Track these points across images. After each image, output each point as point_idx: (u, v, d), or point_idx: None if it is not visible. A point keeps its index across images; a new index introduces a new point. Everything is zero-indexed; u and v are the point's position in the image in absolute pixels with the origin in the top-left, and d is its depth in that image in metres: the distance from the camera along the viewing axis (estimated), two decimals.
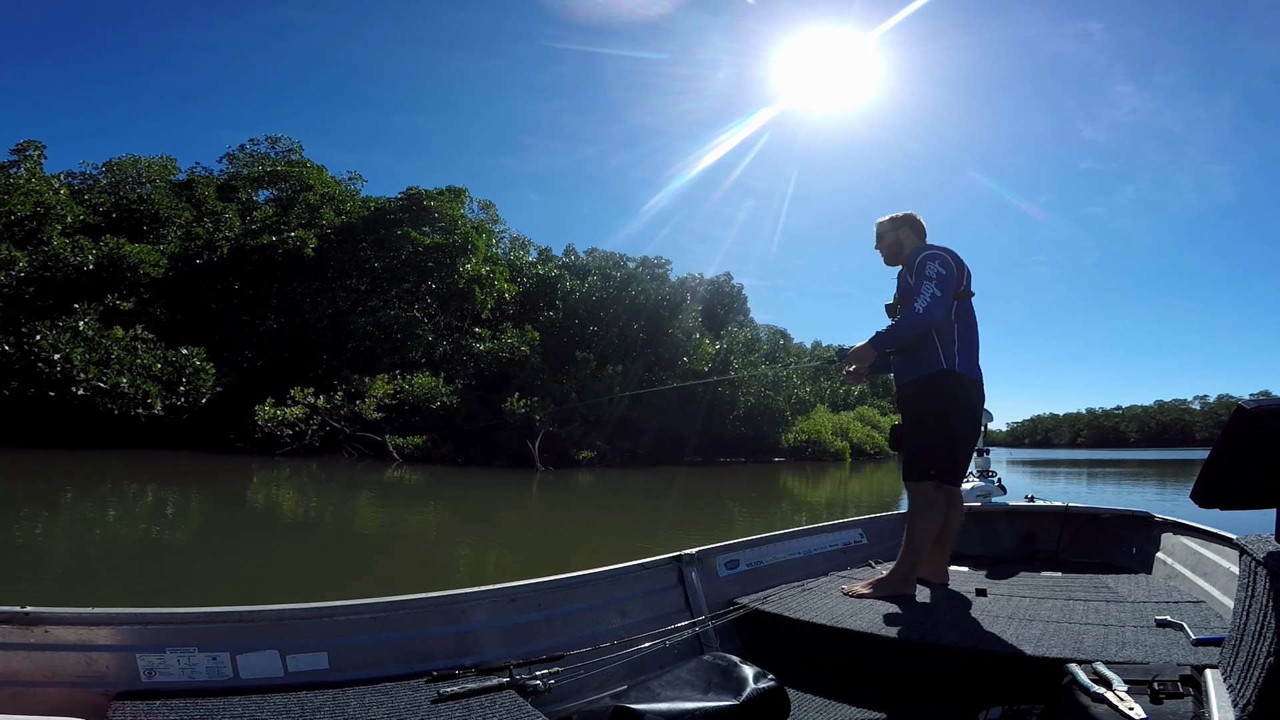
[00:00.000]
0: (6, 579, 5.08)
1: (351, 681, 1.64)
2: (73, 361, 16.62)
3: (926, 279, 2.78)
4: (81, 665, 1.41)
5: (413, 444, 18.45)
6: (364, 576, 6.06)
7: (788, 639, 2.35)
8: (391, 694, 1.59)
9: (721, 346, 26.48)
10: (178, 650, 1.50)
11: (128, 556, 6.47)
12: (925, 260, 2.82)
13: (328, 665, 1.65)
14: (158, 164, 29.91)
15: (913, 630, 2.21)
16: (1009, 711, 1.71)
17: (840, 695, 2.05)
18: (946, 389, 2.81)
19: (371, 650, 1.74)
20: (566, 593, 2.15)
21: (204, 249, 22.50)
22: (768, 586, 2.73)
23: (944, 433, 2.84)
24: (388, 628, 1.78)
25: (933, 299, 2.75)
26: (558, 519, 10.75)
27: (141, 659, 1.46)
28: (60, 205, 22.82)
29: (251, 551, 7.08)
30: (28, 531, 7.31)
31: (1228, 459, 1.34)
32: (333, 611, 1.72)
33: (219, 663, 1.53)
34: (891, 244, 3.08)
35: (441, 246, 22.20)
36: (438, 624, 1.87)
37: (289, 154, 29.46)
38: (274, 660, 1.59)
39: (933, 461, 2.82)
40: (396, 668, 1.74)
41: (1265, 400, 1.28)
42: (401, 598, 1.83)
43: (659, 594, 2.41)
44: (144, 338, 18.46)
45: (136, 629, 1.48)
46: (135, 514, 9.29)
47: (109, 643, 1.45)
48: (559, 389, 20.24)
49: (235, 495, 11.79)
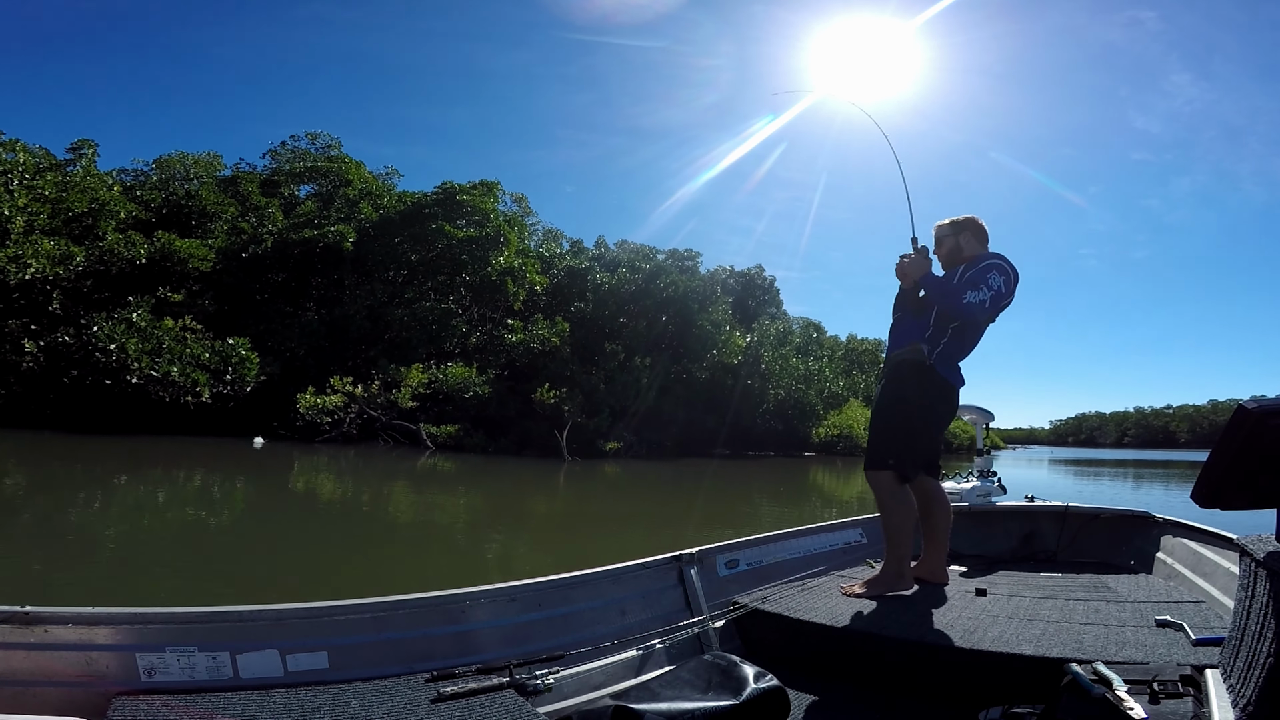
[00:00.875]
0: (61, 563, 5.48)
1: (351, 681, 1.64)
2: (127, 351, 17.47)
3: (987, 286, 2.72)
4: (81, 665, 1.41)
5: (446, 433, 18.96)
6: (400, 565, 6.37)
7: (788, 639, 2.36)
8: (391, 694, 1.60)
9: (752, 339, 26.24)
10: (178, 650, 1.50)
11: (174, 541, 6.89)
12: (992, 268, 2.76)
13: (328, 665, 1.65)
14: (204, 160, 31.03)
15: (913, 630, 2.21)
16: (1009, 712, 1.71)
17: (840, 695, 2.06)
18: (919, 381, 2.79)
19: (371, 650, 1.74)
20: (566, 593, 2.15)
21: (249, 243, 23.32)
22: (768, 586, 2.72)
23: (906, 423, 2.81)
24: (388, 627, 1.79)
25: (980, 303, 2.71)
26: (582, 513, 10.98)
27: (141, 659, 1.46)
28: (114, 202, 23.86)
29: (293, 538, 7.46)
30: (83, 515, 7.81)
31: (1228, 459, 1.33)
32: (332, 611, 1.72)
33: (219, 662, 1.54)
34: (951, 249, 2.98)
35: (475, 240, 22.65)
36: (438, 624, 1.88)
37: (329, 150, 30.25)
38: (274, 660, 1.60)
39: (889, 450, 2.80)
40: (396, 667, 1.74)
41: (1266, 400, 1.27)
42: (401, 597, 1.84)
43: (659, 594, 2.42)
44: (193, 328, 19.28)
45: (136, 629, 1.49)
46: (183, 498, 9.82)
47: (109, 642, 1.45)
48: (588, 380, 20.50)
49: (278, 481, 12.32)
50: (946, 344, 2.80)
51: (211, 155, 31.68)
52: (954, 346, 2.82)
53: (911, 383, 2.81)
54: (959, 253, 2.95)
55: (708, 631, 2.35)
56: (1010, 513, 3.83)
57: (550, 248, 29.24)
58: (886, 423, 2.86)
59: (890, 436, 2.82)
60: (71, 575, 5.09)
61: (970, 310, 2.73)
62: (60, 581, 4.90)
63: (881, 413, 2.91)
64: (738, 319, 27.94)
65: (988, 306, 2.73)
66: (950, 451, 31.51)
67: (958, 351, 2.84)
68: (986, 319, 2.81)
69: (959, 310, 2.75)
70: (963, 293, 2.72)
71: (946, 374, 2.83)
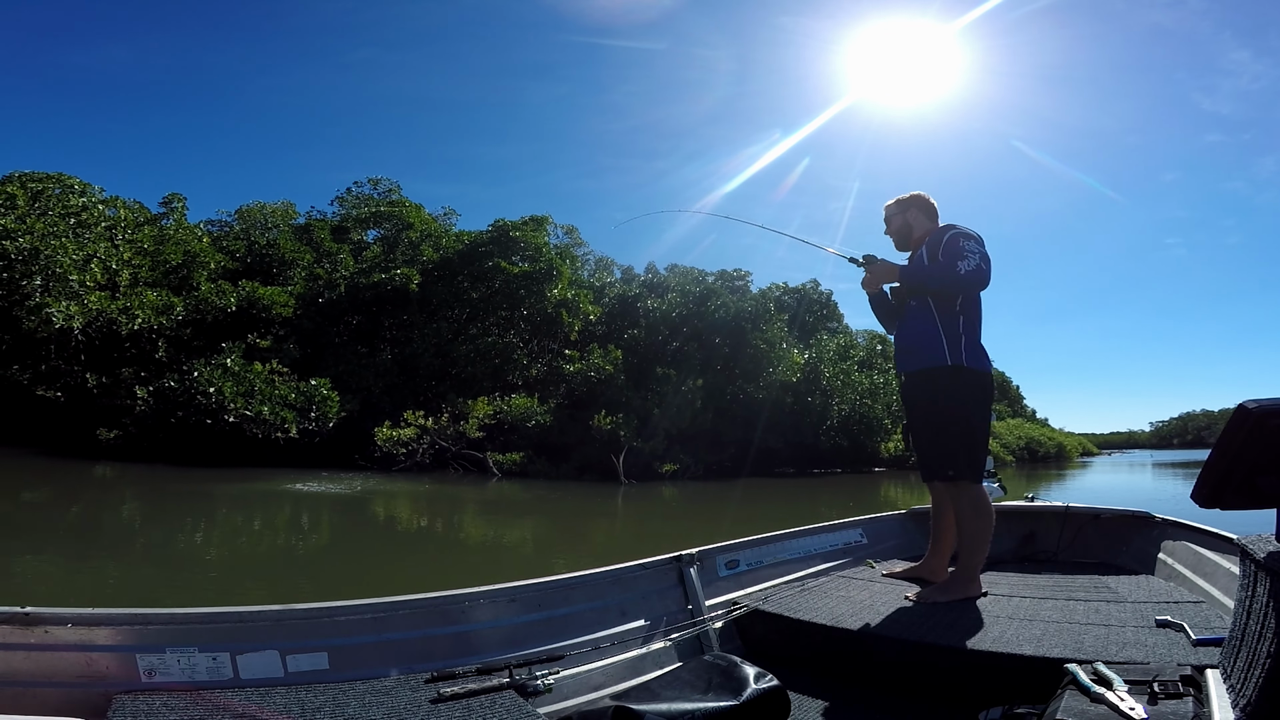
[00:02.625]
0: (167, 585, 6.38)
1: (351, 681, 1.64)
2: (224, 393, 19.20)
3: (969, 252, 2.63)
4: (81, 665, 1.41)
5: (511, 460, 19.96)
6: (478, 582, 7.12)
7: (788, 639, 2.36)
8: (391, 694, 1.59)
9: (811, 355, 26.02)
10: (178, 650, 1.50)
11: (267, 560, 7.88)
12: (958, 236, 2.68)
13: (328, 665, 1.65)
14: (280, 209, 33.69)
15: (913, 630, 2.21)
16: (1009, 712, 1.71)
17: (840, 695, 2.05)
18: (956, 384, 2.69)
19: (371, 650, 1.74)
20: (566, 593, 2.15)
21: (324, 289, 25.16)
22: (768, 586, 2.74)
23: (962, 430, 2.71)
24: (388, 628, 1.79)
25: (977, 268, 2.62)
26: (641, 533, 11.60)
27: (141, 659, 1.46)
28: (204, 253, 26.14)
29: (375, 558, 8.35)
30: (189, 540, 8.93)
31: (1228, 459, 1.32)
32: (333, 611, 1.72)
33: (219, 663, 1.53)
34: (900, 227, 2.95)
35: (530, 274, 23.81)
36: (438, 624, 1.88)
37: (389, 194, 32.31)
38: (274, 660, 1.60)
39: (950, 461, 2.72)
40: (396, 668, 1.74)
41: (1266, 400, 1.25)
42: (402, 598, 1.85)
43: (659, 594, 2.42)
44: (280, 371, 20.98)
45: (136, 629, 1.49)
46: (275, 524, 10.96)
47: (109, 643, 1.45)
48: (642, 405, 21.16)
49: (360, 508, 13.45)
50: (965, 336, 2.71)
51: (286, 204, 34.42)
52: (971, 334, 2.72)
53: (949, 389, 2.71)
54: (908, 230, 2.92)
55: (708, 632, 2.36)
56: (1010, 513, 3.82)
57: (601, 276, 30.29)
58: (943, 435, 2.73)
59: (950, 449, 2.71)
60: (177, 587, 6.03)
61: (970, 279, 2.63)
62: (164, 592, 5.82)
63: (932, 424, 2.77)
64: (795, 336, 27.78)
65: (984, 269, 2.64)
66: None
67: (976, 335, 2.75)
68: (985, 283, 2.68)
69: (957, 283, 2.64)
70: (953, 265, 2.64)
71: (977, 364, 2.72)
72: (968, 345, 2.70)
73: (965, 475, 2.70)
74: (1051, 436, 50.73)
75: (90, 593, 5.67)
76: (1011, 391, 63.09)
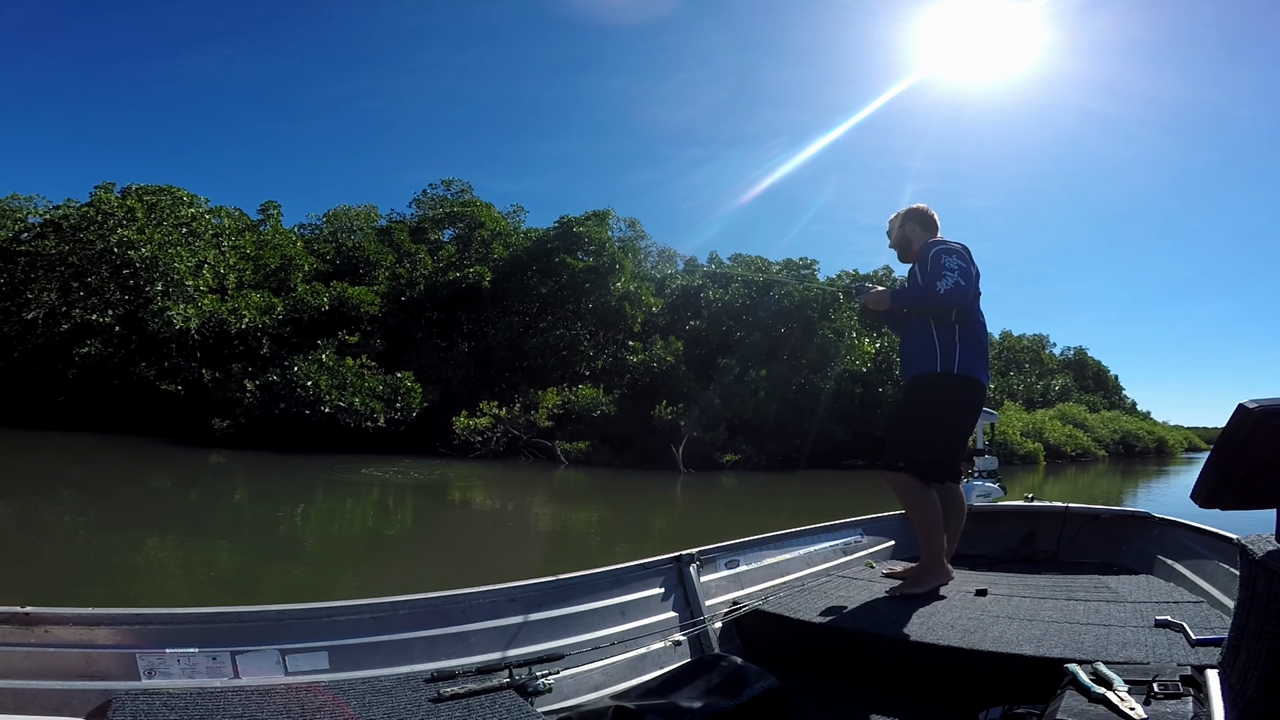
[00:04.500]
0: (269, 562, 7.28)
1: (351, 681, 1.64)
2: (320, 386, 21.02)
3: (947, 270, 2.76)
4: (81, 665, 1.41)
5: (577, 448, 20.94)
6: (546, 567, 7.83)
7: (788, 639, 2.36)
8: (391, 694, 1.59)
9: (883, 344, 25.04)
10: (178, 650, 1.50)
11: (358, 543, 8.90)
12: (940, 253, 2.81)
13: (328, 665, 1.66)
14: (362, 212, 35.99)
15: (913, 630, 2.20)
16: (1009, 712, 1.71)
17: (840, 695, 2.06)
18: (944, 389, 2.82)
19: (371, 650, 1.74)
20: (566, 593, 2.16)
21: (406, 287, 26.83)
22: (768, 586, 2.74)
23: (939, 432, 2.84)
24: (388, 628, 1.79)
25: (955, 286, 2.74)
26: (702, 522, 12.18)
27: (141, 659, 1.46)
28: (299, 257, 28.33)
29: (452, 540, 9.25)
30: (289, 522, 10.13)
31: (1228, 459, 1.32)
32: (332, 611, 1.73)
33: (219, 663, 1.53)
34: (900, 240, 3.07)
35: (593, 269, 24.65)
36: (438, 624, 1.88)
37: (462, 194, 33.83)
38: (274, 660, 1.60)
39: (903, 454, 2.83)
40: (396, 668, 1.74)
41: (1266, 400, 1.25)
42: (401, 598, 1.86)
43: (659, 594, 2.42)
44: (368, 365, 22.70)
45: (136, 629, 1.49)
46: (364, 506, 12.20)
47: (109, 643, 1.45)
48: (704, 395, 21.60)
49: (439, 493, 14.67)
50: (960, 346, 2.83)
51: (369, 207, 36.74)
52: (968, 344, 2.84)
53: (931, 390, 2.85)
54: (907, 243, 3.05)
55: (708, 632, 2.38)
56: (1010, 513, 3.86)
57: (663, 268, 30.77)
58: (904, 430, 2.92)
59: (906, 443, 2.86)
60: (276, 569, 6.96)
61: (947, 298, 2.76)
62: (267, 574, 6.73)
63: (896, 419, 3.00)
64: (866, 325, 26.73)
65: (964, 285, 2.76)
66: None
67: (975, 345, 2.86)
68: (968, 297, 2.81)
69: (940, 301, 2.77)
70: (932, 285, 2.77)
71: (968, 372, 2.84)
72: (962, 355, 2.83)
73: (916, 471, 2.81)
74: (1151, 430, 47.10)
75: (199, 571, 6.67)
76: (1109, 382, 58.87)
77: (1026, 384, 40.40)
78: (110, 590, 5.82)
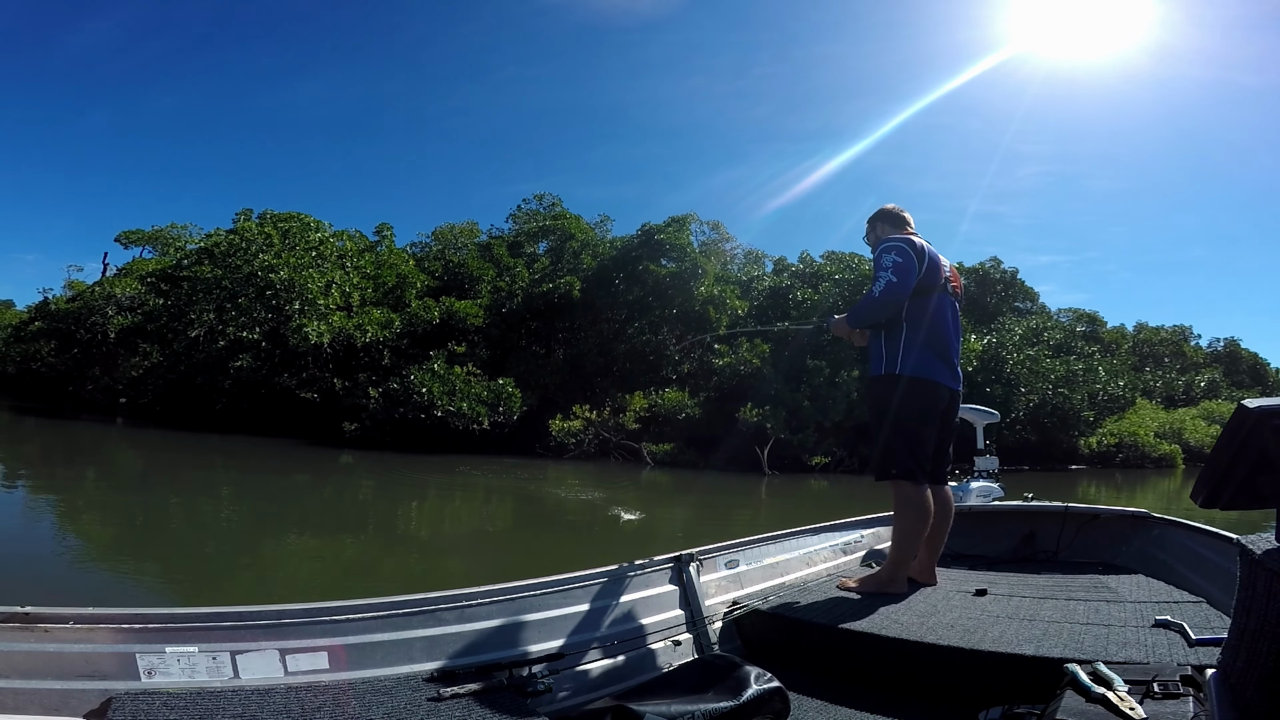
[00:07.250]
0: (387, 555, 8.33)
1: (351, 681, 1.63)
2: (433, 393, 23.25)
3: (883, 269, 2.81)
4: (81, 665, 1.41)
5: (663, 450, 21.99)
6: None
7: (788, 639, 2.37)
8: (391, 694, 1.59)
9: (990, 341, 24.26)
10: (178, 650, 1.50)
11: (466, 538, 10.16)
12: (881, 252, 2.86)
13: (328, 665, 1.65)
14: (465, 229, 38.72)
15: (913, 630, 2.20)
16: (1009, 712, 1.71)
17: (840, 695, 2.05)
18: (893, 391, 2.84)
19: (371, 650, 1.74)
20: (566, 593, 2.15)
21: (505, 299, 28.81)
22: (768, 586, 2.75)
23: (898, 434, 2.84)
24: (388, 628, 1.79)
25: (887, 284, 2.77)
26: (785, 520, 12.87)
27: (141, 659, 1.46)
28: (412, 275, 30.96)
29: (545, 534, 10.37)
30: (405, 519, 11.65)
31: (1228, 459, 1.32)
32: (332, 611, 1.72)
33: (219, 662, 1.53)
34: (874, 241, 3.12)
35: (676, 274, 25.50)
36: (438, 624, 1.87)
37: (553, 207, 35.63)
38: (274, 660, 1.59)
39: (892, 461, 2.84)
40: (396, 668, 1.74)
41: (1266, 400, 1.24)
42: (401, 598, 1.86)
43: (659, 594, 2.41)
44: (474, 373, 24.81)
45: (136, 629, 1.49)
46: (471, 503, 13.69)
47: (109, 642, 1.46)
48: (792, 397, 21.91)
49: (538, 490, 16.10)
50: (905, 346, 2.85)
51: (470, 224, 39.50)
52: (915, 344, 2.85)
53: (887, 396, 2.87)
54: (878, 242, 3.05)
55: (708, 631, 2.38)
56: (1010, 513, 3.88)
57: (750, 270, 31.15)
58: (885, 437, 2.91)
59: (890, 449, 2.87)
60: (397, 561, 8.07)
61: (883, 299, 2.79)
62: (386, 566, 7.77)
63: (878, 427, 2.97)
64: (972, 320, 25.94)
65: (895, 282, 2.77)
66: None
67: (922, 343, 2.85)
68: (905, 293, 2.79)
69: (878, 306, 2.82)
70: (870, 293, 2.85)
71: (915, 372, 2.84)
72: (909, 355, 2.85)
73: (908, 476, 2.84)
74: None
75: (331, 561, 7.73)
76: (1269, 376, 51.85)
77: (1166, 380, 37.27)
78: (257, 576, 7.02)
